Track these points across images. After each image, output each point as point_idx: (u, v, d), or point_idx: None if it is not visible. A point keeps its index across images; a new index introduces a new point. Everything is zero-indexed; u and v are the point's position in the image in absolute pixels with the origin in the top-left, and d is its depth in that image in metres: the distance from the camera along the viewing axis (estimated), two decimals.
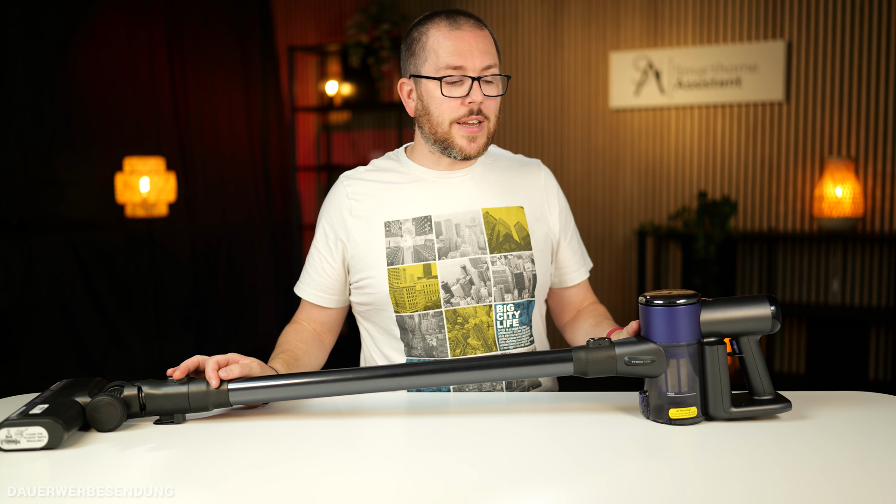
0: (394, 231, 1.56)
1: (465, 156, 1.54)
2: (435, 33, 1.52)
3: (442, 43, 1.50)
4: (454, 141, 1.53)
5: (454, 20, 1.52)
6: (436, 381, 1.31)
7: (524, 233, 1.60)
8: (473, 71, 1.50)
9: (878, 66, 4.29)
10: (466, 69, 1.50)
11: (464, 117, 1.51)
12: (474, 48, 1.50)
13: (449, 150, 1.54)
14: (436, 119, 1.53)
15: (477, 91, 1.50)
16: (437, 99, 1.52)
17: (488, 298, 1.55)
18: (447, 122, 1.52)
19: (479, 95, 1.50)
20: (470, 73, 1.50)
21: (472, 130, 1.52)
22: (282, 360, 1.49)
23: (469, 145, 1.53)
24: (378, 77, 5.31)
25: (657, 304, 1.24)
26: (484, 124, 1.53)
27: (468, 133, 1.52)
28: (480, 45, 1.51)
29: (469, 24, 1.52)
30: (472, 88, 1.50)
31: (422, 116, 1.56)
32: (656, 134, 4.79)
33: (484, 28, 1.54)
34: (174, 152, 4.61)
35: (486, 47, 1.51)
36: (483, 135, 1.54)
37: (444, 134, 1.53)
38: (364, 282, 1.58)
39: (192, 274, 4.76)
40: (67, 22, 4.20)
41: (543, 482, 1.06)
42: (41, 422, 1.16)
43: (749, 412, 1.25)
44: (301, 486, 1.06)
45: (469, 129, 1.52)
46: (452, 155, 1.55)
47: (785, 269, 4.56)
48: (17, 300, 3.95)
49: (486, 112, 1.52)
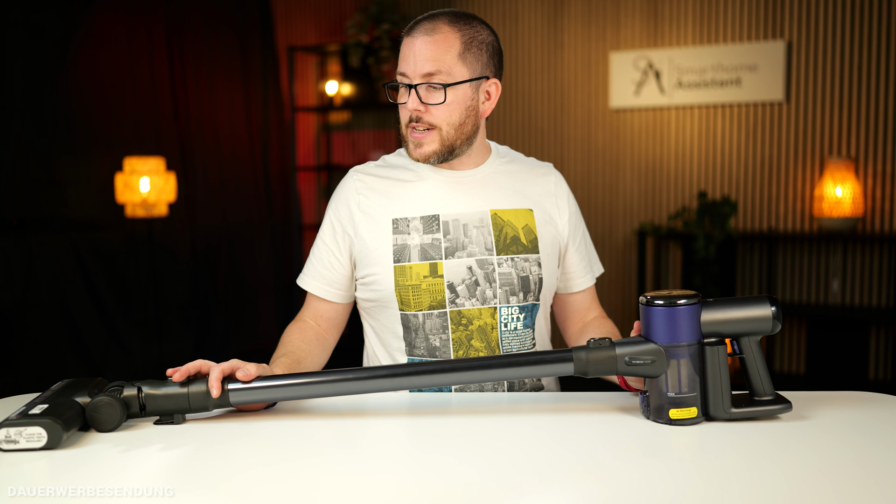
0: (401, 228, 1.56)
1: (414, 160, 1.59)
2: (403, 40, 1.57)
3: (401, 49, 1.56)
4: (407, 144, 1.58)
5: (416, 24, 1.55)
6: (437, 381, 1.31)
7: (532, 236, 1.59)
8: (412, 78, 1.53)
9: (878, 66, 4.29)
10: (407, 76, 1.53)
11: (407, 124, 1.56)
12: (417, 55, 1.51)
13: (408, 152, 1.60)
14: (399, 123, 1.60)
15: (413, 99, 1.53)
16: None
17: (493, 300, 1.55)
18: (403, 126, 1.58)
19: (415, 103, 1.53)
20: (407, 81, 1.53)
21: (416, 136, 1.55)
22: (283, 363, 1.47)
23: (415, 150, 1.57)
24: (378, 77, 5.31)
25: (658, 305, 1.24)
26: (433, 132, 1.54)
27: (413, 139, 1.56)
28: (425, 51, 1.51)
29: (422, 31, 1.52)
30: (410, 96, 1.53)
31: None
32: (656, 134, 4.79)
33: (438, 33, 1.51)
34: (174, 152, 4.61)
35: (430, 54, 1.50)
36: (432, 142, 1.55)
37: (403, 137, 1.59)
38: (370, 278, 1.58)
39: (192, 274, 4.76)
40: (67, 22, 4.20)
41: (544, 482, 1.05)
42: (40, 422, 1.16)
43: (749, 413, 1.25)
44: (301, 487, 1.06)
45: (414, 135, 1.56)
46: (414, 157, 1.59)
47: (785, 269, 4.56)
48: (17, 300, 3.95)
49: (430, 121, 1.53)
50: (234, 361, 1.32)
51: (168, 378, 1.30)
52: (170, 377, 1.30)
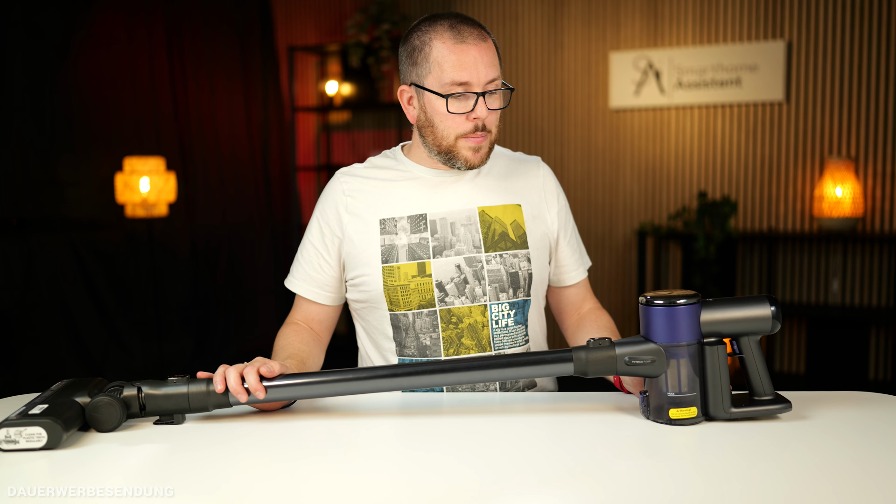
0: (389, 229, 1.56)
1: (470, 167, 1.54)
2: (439, 45, 1.49)
3: (447, 57, 1.48)
4: (459, 153, 1.53)
5: (458, 32, 1.49)
6: (436, 381, 1.31)
7: (521, 231, 1.59)
8: (478, 86, 1.49)
9: (878, 66, 4.29)
10: (471, 85, 1.48)
11: (469, 133, 1.51)
12: (479, 62, 1.48)
13: (453, 161, 1.54)
14: (440, 133, 1.52)
15: (482, 107, 1.49)
16: (441, 114, 1.51)
17: (483, 298, 1.55)
18: (453, 137, 1.52)
19: (485, 111, 1.50)
20: (475, 89, 1.49)
21: (477, 141, 1.52)
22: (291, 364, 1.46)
23: (474, 156, 1.53)
24: (378, 77, 5.31)
25: (657, 304, 1.24)
26: (487, 137, 1.53)
27: (474, 144, 1.52)
28: (485, 58, 1.49)
29: (473, 37, 1.49)
30: (478, 104, 1.49)
31: (425, 127, 1.55)
32: (656, 134, 4.79)
33: (488, 38, 1.52)
34: (174, 152, 4.61)
35: (489, 59, 1.50)
36: (486, 145, 1.54)
37: (449, 147, 1.53)
38: (359, 279, 1.57)
39: (192, 274, 4.76)
40: (67, 22, 4.20)
41: (543, 482, 1.05)
42: (40, 422, 1.16)
43: (749, 412, 1.25)
44: (301, 487, 1.06)
45: (475, 139, 1.52)
46: (457, 166, 1.55)
47: (785, 269, 4.56)
48: (17, 300, 3.95)
49: (489, 125, 1.53)
50: (259, 359, 1.32)
51: (168, 378, 1.30)
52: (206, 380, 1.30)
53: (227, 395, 1.29)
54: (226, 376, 1.29)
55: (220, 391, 1.28)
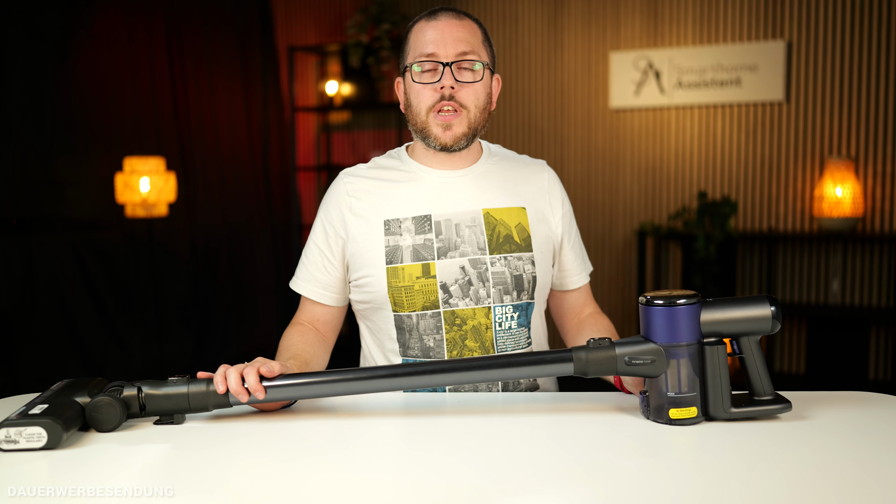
0: (393, 230, 1.56)
1: (442, 145, 1.55)
2: (416, 28, 1.57)
3: (418, 35, 1.55)
4: (430, 129, 1.55)
5: (434, 13, 1.56)
6: (437, 381, 1.31)
7: (525, 234, 1.59)
8: (446, 57, 1.52)
9: (878, 66, 4.29)
10: (438, 55, 1.52)
11: (437, 104, 1.53)
12: (447, 35, 1.53)
13: (427, 139, 1.56)
14: (415, 109, 1.56)
15: (448, 76, 1.52)
16: (415, 88, 1.55)
17: (487, 300, 1.54)
18: (424, 111, 1.54)
19: (450, 80, 1.52)
20: (441, 60, 1.52)
21: (446, 119, 1.53)
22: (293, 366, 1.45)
23: (444, 133, 1.54)
24: (378, 77, 5.31)
25: (657, 304, 1.24)
26: (462, 113, 1.54)
27: (442, 121, 1.53)
28: (455, 32, 1.53)
29: (447, 15, 1.55)
30: (444, 74, 1.52)
31: (407, 109, 1.59)
32: (656, 134, 4.79)
33: (465, 18, 1.56)
34: (174, 152, 4.61)
35: (461, 35, 1.53)
36: (460, 124, 1.54)
37: (423, 123, 1.55)
38: (363, 280, 1.57)
39: (192, 274, 4.76)
40: (67, 22, 4.20)
41: (543, 482, 1.05)
42: (40, 422, 1.16)
43: (749, 412, 1.25)
44: (301, 487, 1.06)
45: (443, 116, 1.53)
46: (431, 145, 1.56)
47: (785, 269, 4.56)
48: (17, 300, 3.95)
49: (461, 100, 1.53)
50: (259, 360, 1.32)
51: (169, 378, 1.30)
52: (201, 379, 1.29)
53: (228, 395, 1.29)
54: (226, 376, 1.28)
55: (222, 392, 1.28)
